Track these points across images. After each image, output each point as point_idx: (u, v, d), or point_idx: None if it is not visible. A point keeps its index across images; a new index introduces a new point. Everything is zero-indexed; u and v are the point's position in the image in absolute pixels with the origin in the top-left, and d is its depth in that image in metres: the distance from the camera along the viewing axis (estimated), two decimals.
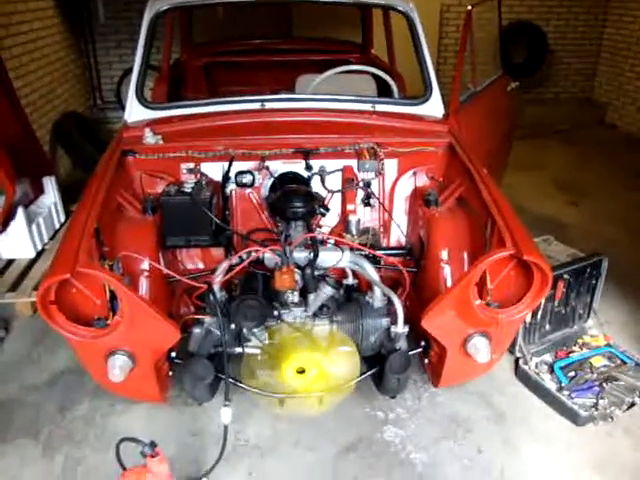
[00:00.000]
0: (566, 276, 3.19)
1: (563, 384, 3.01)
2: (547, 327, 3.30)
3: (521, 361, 3.19)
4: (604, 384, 2.99)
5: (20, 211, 3.96)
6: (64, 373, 3.25)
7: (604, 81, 8.67)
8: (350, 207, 3.01)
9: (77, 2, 6.81)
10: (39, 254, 4.13)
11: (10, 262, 4.02)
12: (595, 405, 2.90)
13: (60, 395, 3.08)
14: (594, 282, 3.36)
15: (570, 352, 3.25)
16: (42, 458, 2.71)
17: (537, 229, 3.88)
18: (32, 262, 4.03)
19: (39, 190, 4.49)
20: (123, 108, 3.44)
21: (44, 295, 2.02)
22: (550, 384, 3.04)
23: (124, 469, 2.24)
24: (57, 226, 4.53)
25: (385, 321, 2.61)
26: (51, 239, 4.34)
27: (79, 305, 2.19)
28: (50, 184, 4.53)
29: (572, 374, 3.08)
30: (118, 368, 2.19)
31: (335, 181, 3.07)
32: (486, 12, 4.55)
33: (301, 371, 2.45)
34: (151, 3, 3.44)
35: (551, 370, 3.13)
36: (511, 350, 3.19)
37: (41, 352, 3.42)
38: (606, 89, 8.61)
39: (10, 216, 3.97)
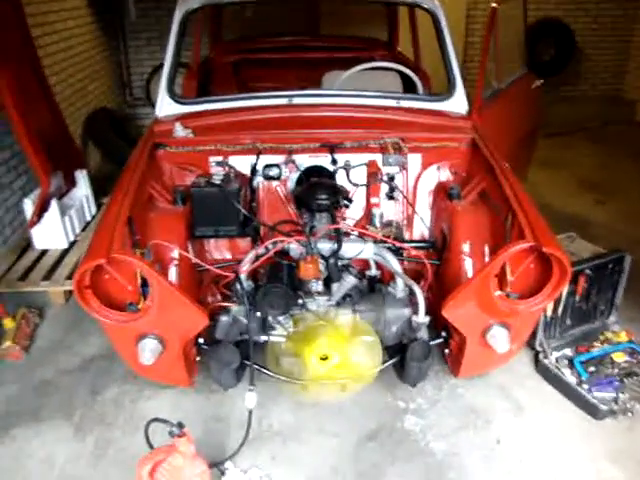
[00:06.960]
0: (587, 271, 3.19)
1: (583, 378, 3.02)
2: (568, 322, 3.31)
3: (541, 355, 3.21)
4: (625, 379, 3.00)
5: (54, 203, 4.09)
6: (95, 359, 3.36)
7: (634, 78, 8.56)
8: (374, 200, 3.06)
9: (109, 1, 6.95)
10: (71, 245, 4.26)
11: (44, 252, 4.16)
12: (615, 399, 2.91)
13: (91, 379, 3.20)
14: (616, 278, 3.36)
15: (591, 347, 3.25)
16: (74, 438, 2.81)
17: (562, 227, 3.88)
18: (64, 252, 4.16)
19: (71, 183, 4.61)
20: (152, 104, 3.52)
21: (80, 280, 2.12)
22: (570, 378, 3.06)
23: (152, 448, 2.34)
24: (88, 218, 4.66)
25: (407, 311, 2.66)
26: (82, 230, 4.46)
27: (112, 290, 2.29)
28: (82, 177, 4.66)
29: (592, 369, 3.08)
30: (148, 351, 2.30)
31: (360, 175, 3.13)
32: (513, 9, 4.55)
33: (324, 358, 2.51)
34: (182, 1, 3.50)
35: (571, 364, 3.14)
36: (531, 344, 3.23)
37: (73, 338, 3.54)
38: (636, 86, 8.50)
39: (44, 208, 4.11)
